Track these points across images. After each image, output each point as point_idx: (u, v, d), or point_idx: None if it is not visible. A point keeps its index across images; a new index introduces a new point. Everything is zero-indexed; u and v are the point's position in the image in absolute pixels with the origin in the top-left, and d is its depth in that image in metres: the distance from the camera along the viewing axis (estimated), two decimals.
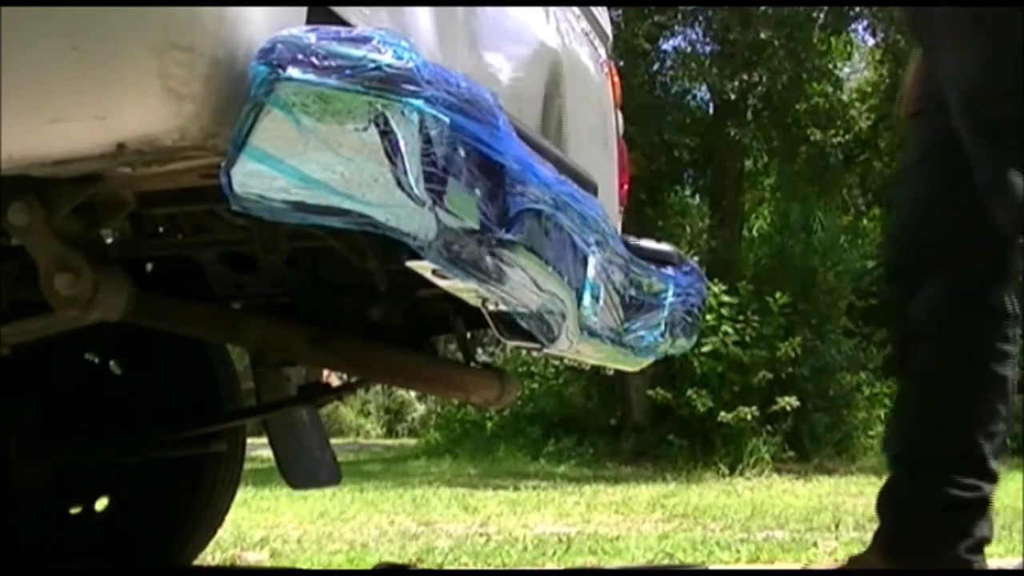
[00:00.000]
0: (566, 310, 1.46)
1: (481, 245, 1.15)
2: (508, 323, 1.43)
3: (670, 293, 1.87)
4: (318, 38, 1.07)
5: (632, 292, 1.72)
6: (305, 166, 1.04)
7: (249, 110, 1.04)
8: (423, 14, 1.55)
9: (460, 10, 1.70)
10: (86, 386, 2.68)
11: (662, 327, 1.86)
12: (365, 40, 1.08)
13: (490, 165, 1.16)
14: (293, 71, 1.04)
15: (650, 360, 1.89)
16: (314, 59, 1.05)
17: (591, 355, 1.74)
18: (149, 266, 2.26)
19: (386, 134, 1.05)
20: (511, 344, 1.55)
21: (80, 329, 1.52)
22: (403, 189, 1.06)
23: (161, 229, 2.09)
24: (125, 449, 2.60)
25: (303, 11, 1.25)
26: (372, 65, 1.06)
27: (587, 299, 1.54)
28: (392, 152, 1.05)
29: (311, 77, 1.04)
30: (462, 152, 1.11)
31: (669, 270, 1.91)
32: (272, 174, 1.04)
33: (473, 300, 1.35)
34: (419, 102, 1.07)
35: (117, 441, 2.60)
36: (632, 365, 1.93)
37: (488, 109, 1.18)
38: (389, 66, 1.06)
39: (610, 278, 1.64)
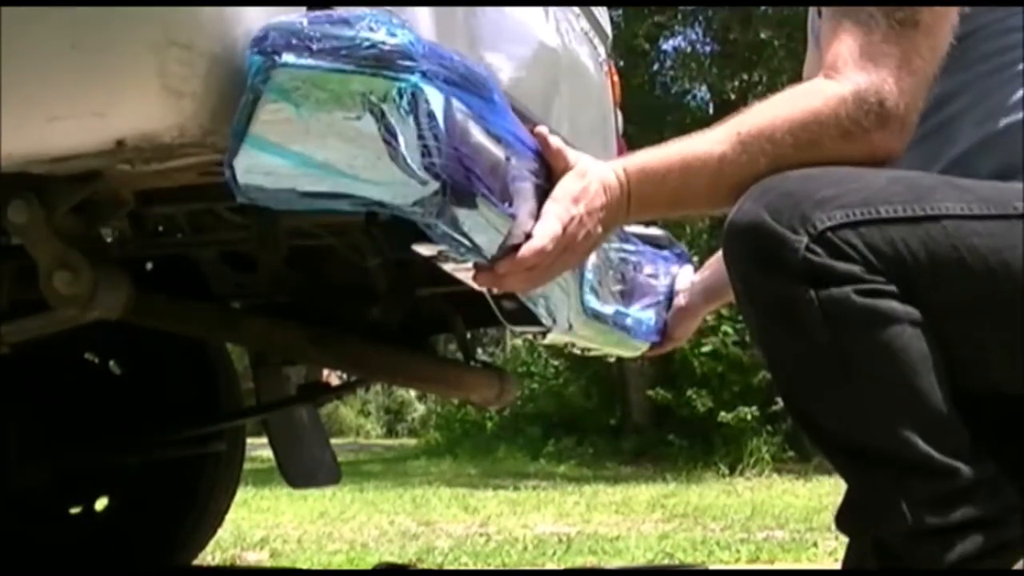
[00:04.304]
0: (568, 289, 1.45)
1: (485, 215, 1.13)
2: (511, 309, 1.42)
3: (664, 276, 1.86)
4: (310, 22, 1.06)
5: (631, 274, 1.70)
6: (307, 151, 1.04)
7: (247, 99, 1.03)
8: (423, 14, 1.55)
9: (460, 10, 1.70)
10: (86, 386, 2.68)
11: (660, 309, 1.84)
12: (357, 19, 1.07)
13: (488, 138, 1.14)
14: (288, 57, 1.03)
15: (649, 343, 1.86)
16: (308, 43, 1.04)
17: (593, 339, 1.72)
18: (149, 265, 2.26)
19: (384, 112, 1.04)
20: (515, 330, 1.53)
21: (80, 328, 1.52)
22: (404, 165, 1.05)
23: (160, 228, 2.09)
24: (125, 449, 2.60)
25: (302, 12, 1.24)
26: (367, 44, 1.05)
27: (588, 278, 1.53)
28: (391, 129, 1.05)
29: (306, 61, 1.03)
30: (460, 126, 1.11)
31: (663, 252, 1.89)
32: (275, 162, 1.03)
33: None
34: (415, 77, 1.06)
35: (117, 441, 2.60)
36: (632, 350, 1.90)
37: (484, 83, 1.17)
38: (383, 44, 1.05)
39: (609, 258, 1.63)
